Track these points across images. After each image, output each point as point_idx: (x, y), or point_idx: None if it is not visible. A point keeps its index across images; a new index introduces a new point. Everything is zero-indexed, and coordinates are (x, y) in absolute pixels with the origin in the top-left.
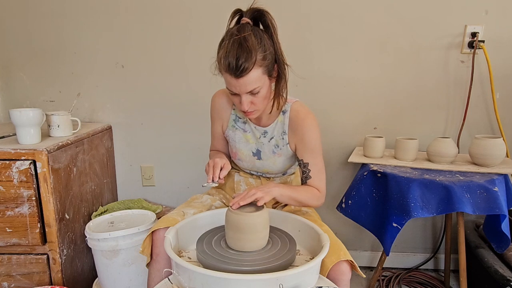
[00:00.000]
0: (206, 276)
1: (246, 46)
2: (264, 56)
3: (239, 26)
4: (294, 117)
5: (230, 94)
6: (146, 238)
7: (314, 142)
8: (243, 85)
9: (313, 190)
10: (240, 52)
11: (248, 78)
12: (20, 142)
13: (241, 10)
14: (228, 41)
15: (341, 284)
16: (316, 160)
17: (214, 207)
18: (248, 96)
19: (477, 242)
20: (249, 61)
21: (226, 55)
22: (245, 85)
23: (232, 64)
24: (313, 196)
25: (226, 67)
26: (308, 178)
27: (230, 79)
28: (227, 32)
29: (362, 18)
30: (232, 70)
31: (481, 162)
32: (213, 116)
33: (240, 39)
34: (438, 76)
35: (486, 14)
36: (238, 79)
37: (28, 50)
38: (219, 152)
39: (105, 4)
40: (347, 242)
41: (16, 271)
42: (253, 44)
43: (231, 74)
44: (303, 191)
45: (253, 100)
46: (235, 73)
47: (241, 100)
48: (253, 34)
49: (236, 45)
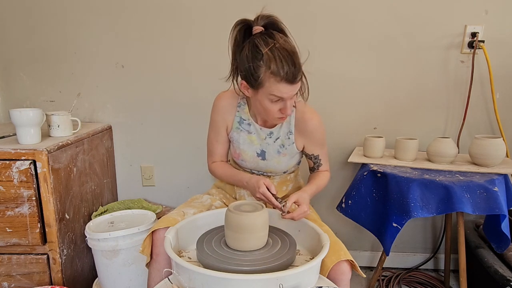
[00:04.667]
0: (206, 276)
1: (291, 50)
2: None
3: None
4: (300, 117)
5: (271, 102)
6: (146, 238)
7: (322, 138)
8: (295, 89)
9: (325, 174)
10: (290, 59)
11: (299, 83)
12: (20, 142)
13: (245, 20)
14: (271, 51)
15: (341, 284)
16: (324, 149)
17: (214, 207)
18: (292, 99)
19: (477, 242)
20: (299, 64)
21: (280, 66)
22: (296, 89)
23: (290, 72)
24: (327, 180)
25: (283, 77)
26: (320, 166)
27: (283, 87)
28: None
29: (362, 18)
30: (290, 78)
31: (481, 162)
32: (216, 119)
33: (282, 46)
34: (438, 76)
35: (486, 14)
36: (293, 84)
37: (28, 50)
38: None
39: (105, 4)
40: (347, 242)
41: (16, 271)
42: (293, 47)
43: (288, 82)
44: (320, 181)
45: (292, 100)
46: (293, 80)
47: (286, 104)
48: (285, 40)
49: (284, 52)
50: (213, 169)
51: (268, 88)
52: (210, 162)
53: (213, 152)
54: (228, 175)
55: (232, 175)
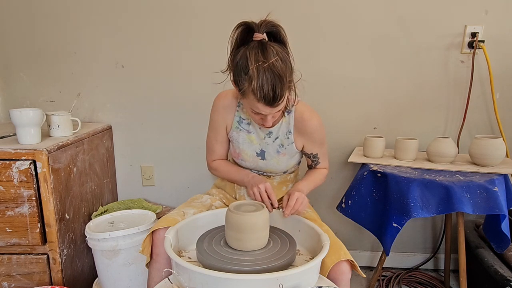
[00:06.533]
0: (206, 276)
1: (277, 74)
2: (290, 79)
3: (261, 49)
4: (300, 117)
5: (251, 113)
6: (146, 238)
7: (322, 138)
8: (274, 110)
9: (322, 171)
10: (274, 82)
11: (281, 104)
12: (20, 142)
13: (246, 22)
14: (257, 70)
15: (341, 284)
16: (323, 148)
17: (214, 207)
18: (273, 114)
19: (477, 242)
20: (283, 90)
21: (261, 87)
22: (276, 110)
23: (269, 96)
24: (323, 176)
25: (260, 98)
26: (318, 164)
27: (261, 106)
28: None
29: (362, 18)
30: (269, 101)
31: (481, 162)
32: (216, 119)
33: (270, 68)
34: (438, 76)
35: (486, 14)
36: (271, 107)
37: (28, 50)
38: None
39: (105, 4)
40: (347, 242)
41: (16, 271)
42: (282, 70)
43: (266, 103)
44: (315, 177)
45: (274, 115)
46: (271, 103)
47: (266, 118)
48: (280, 59)
49: (268, 75)
50: (214, 167)
51: (249, 101)
52: (210, 160)
53: (212, 151)
54: (230, 171)
55: (234, 171)
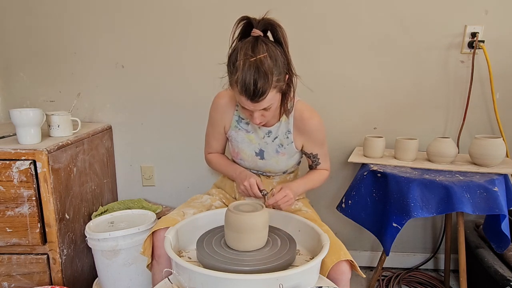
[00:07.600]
0: (206, 276)
1: (263, 70)
2: (278, 78)
3: (253, 44)
4: (299, 116)
5: (241, 107)
6: (147, 239)
7: (322, 137)
8: (257, 106)
9: (322, 172)
10: (257, 77)
11: (263, 102)
12: (20, 142)
13: (248, 18)
14: (243, 63)
15: (341, 284)
16: (323, 149)
17: (214, 207)
18: (260, 111)
19: (477, 242)
20: (265, 86)
21: (243, 79)
22: (260, 106)
23: (250, 90)
24: (323, 178)
25: (242, 91)
26: (318, 164)
27: (245, 100)
28: (239, 48)
29: (362, 18)
30: (249, 95)
31: (481, 162)
32: (215, 117)
33: (256, 63)
34: (438, 76)
35: (486, 14)
36: (254, 102)
37: (28, 50)
38: (224, 157)
39: (105, 4)
40: (347, 242)
41: (16, 271)
42: (269, 67)
43: (247, 97)
44: (314, 177)
45: (264, 114)
46: (252, 98)
47: (254, 115)
48: (268, 56)
49: (253, 69)
50: (209, 159)
51: (236, 94)
52: (206, 152)
53: (209, 144)
54: (222, 164)
55: (225, 164)
